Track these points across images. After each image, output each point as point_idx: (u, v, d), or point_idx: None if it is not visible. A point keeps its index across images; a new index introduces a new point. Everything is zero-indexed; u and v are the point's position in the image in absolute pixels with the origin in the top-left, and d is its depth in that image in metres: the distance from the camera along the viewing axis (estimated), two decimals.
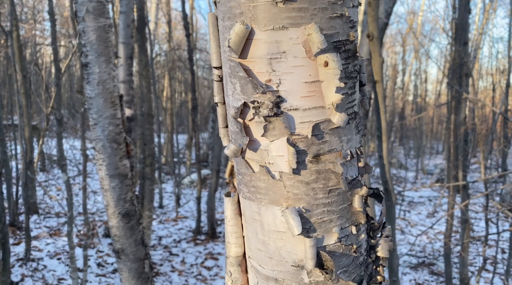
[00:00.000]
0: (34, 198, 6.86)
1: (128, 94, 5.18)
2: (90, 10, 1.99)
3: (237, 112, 0.61)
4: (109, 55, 2.09)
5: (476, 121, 5.01)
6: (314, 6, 0.55)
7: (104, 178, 2.15)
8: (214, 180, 6.77)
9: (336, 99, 0.57)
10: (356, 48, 0.60)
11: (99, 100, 2.08)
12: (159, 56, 14.87)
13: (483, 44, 15.50)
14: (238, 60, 0.60)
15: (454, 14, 7.99)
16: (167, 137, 12.24)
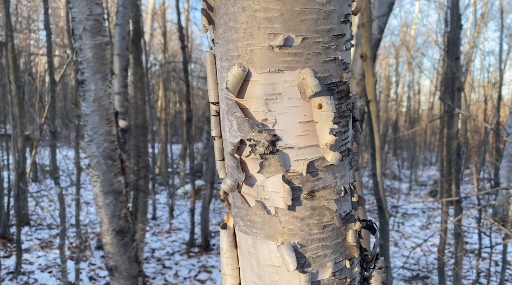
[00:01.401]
0: (25, 209, 6.79)
1: (123, 106, 5.18)
2: (87, 28, 2.01)
3: (234, 149, 0.63)
4: (105, 73, 2.10)
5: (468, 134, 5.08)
6: (309, 51, 0.57)
7: (99, 194, 2.14)
8: (208, 191, 6.76)
9: (330, 140, 0.58)
10: (349, 88, 0.62)
11: (95, 117, 2.09)
12: (154, 66, 14.91)
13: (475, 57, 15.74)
14: (235, 99, 0.61)
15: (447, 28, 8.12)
16: (161, 148, 12.21)
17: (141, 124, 5.94)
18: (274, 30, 0.56)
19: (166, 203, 8.97)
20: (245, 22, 0.57)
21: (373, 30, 4.10)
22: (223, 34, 0.61)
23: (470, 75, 14.81)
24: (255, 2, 0.56)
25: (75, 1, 1.97)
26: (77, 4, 1.98)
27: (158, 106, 14.03)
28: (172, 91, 16.31)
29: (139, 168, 5.68)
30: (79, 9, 1.99)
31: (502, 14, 11.04)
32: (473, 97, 17.04)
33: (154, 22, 14.18)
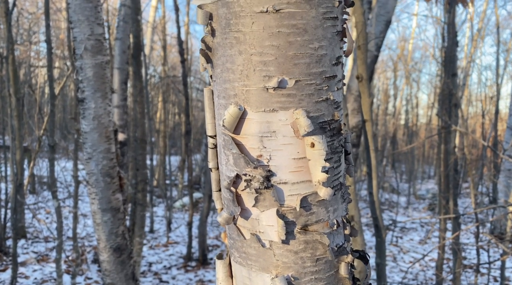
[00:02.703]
0: (22, 221, 6.76)
1: (122, 119, 5.21)
2: (88, 48, 2.05)
3: (230, 183, 0.65)
4: (105, 91, 2.13)
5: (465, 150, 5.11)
6: (302, 93, 0.60)
7: (97, 212, 2.15)
8: (206, 205, 6.75)
9: (322, 178, 0.61)
10: (340, 126, 0.65)
11: (94, 135, 2.11)
12: (154, 78, 14.99)
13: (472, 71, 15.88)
14: (231, 136, 0.64)
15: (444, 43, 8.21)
16: (159, 160, 12.21)
17: (140, 138, 5.96)
18: (269, 73, 0.59)
19: (164, 216, 8.95)
20: (241, 64, 0.60)
21: (370, 47, 4.16)
22: (220, 74, 0.63)
23: (468, 89, 14.93)
24: (251, 47, 0.58)
25: (77, 22, 2.01)
26: (79, 24, 2.02)
27: (157, 117, 14.07)
28: (171, 103, 16.38)
29: (137, 181, 5.68)
30: (80, 29, 2.03)
31: (499, 30, 11.18)
32: (471, 111, 17.16)
33: (154, 35, 14.31)
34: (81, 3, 2.00)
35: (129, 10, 5.23)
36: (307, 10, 0.56)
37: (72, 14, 2.02)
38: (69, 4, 2.01)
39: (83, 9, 2.01)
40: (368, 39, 4.06)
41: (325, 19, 0.58)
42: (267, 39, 0.57)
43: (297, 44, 0.58)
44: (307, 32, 0.57)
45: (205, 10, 0.61)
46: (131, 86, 6.58)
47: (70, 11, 2.03)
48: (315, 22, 0.57)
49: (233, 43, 0.60)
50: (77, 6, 2.00)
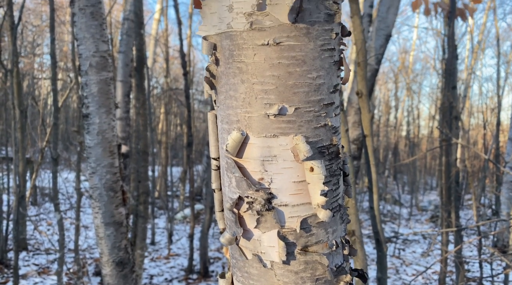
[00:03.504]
0: (24, 233, 6.77)
1: (125, 131, 5.25)
2: (93, 65, 2.09)
3: (233, 204, 0.68)
4: (110, 106, 2.17)
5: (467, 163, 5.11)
6: (301, 119, 0.63)
7: (100, 226, 2.17)
8: (207, 217, 6.75)
9: (321, 201, 0.63)
10: (338, 150, 0.67)
11: (98, 150, 2.14)
12: (156, 89, 15.09)
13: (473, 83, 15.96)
14: (234, 159, 0.67)
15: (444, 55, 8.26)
16: (161, 171, 12.23)
17: (142, 150, 5.99)
18: (270, 101, 0.62)
19: (165, 228, 8.93)
20: (244, 92, 0.63)
21: (370, 61, 4.20)
22: (224, 101, 0.66)
23: (469, 101, 14.98)
24: (253, 76, 0.61)
25: (83, 39, 2.06)
26: (84, 41, 2.06)
27: (159, 128, 14.13)
28: (173, 114, 16.46)
29: (139, 193, 5.70)
30: (86, 47, 2.07)
31: (499, 42, 11.26)
32: (472, 122, 17.17)
33: (157, 47, 14.45)
34: (87, 21, 2.05)
35: (132, 24, 5.31)
36: (306, 43, 0.60)
37: (78, 32, 2.07)
38: (75, 22, 2.06)
39: (88, 26, 2.06)
40: (368, 53, 4.11)
41: (323, 51, 0.61)
42: (268, 70, 0.61)
43: (297, 74, 0.61)
44: (306, 63, 0.60)
45: (210, 41, 0.65)
46: (134, 98, 6.64)
47: (76, 29, 2.08)
48: (314, 53, 0.60)
49: (236, 72, 0.63)
50: (83, 24, 2.05)
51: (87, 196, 10.18)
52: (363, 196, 12.76)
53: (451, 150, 4.98)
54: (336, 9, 0.61)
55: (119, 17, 14.53)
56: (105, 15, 2.16)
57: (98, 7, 2.08)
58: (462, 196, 11.71)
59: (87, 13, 2.05)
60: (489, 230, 8.11)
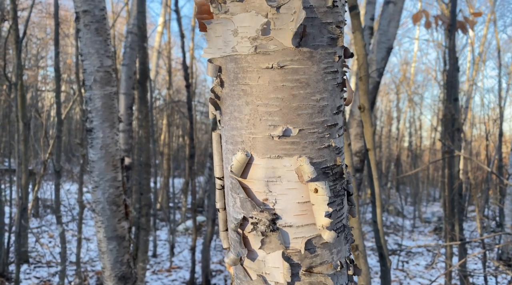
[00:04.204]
0: (25, 246, 6.74)
1: (127, 143, 5.26)
2: (97, 79, 2.11)
3: (237, 225, 0.68)
4: (113, 120, 2.18)
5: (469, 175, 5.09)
6: (305, 140, 0.63)
7: (102, 240, 2.17)
8: (209, 229, 6.71)
9: (326, 222, 0.63)
10: (342, 170, 0.68)
11: (101, 164, 2.15)
12: (158, 100, 15.17)
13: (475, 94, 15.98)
14: (239, 180, 0.67)
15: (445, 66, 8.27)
16: (163, 182, 12.22)
17: (145, 162, 6.00)
18: (274, 122, 0.62)
19: (167, 240, 8.89)
20: (248, 114, 0.64)
21: (372, 73, 4.23)
22: (228, 122, 0.67)
23: (471, 112, 14.98)
24: (257, 98, 0.62)
25: (87, 55, 2.08)
26: (89, 57, 2.09)
27: (161, 140, 14.16)
28: (176, 125, 16.50)
29: (141, 206, 5.69)
30: (90, 62, 2.10)
31: (500, 53, 11.31)
32: (475, 133, 17.14)
33: (160, 59, 14.56)
34: (92, 37, 2.08)
35: (135, 37, 5.36)
36: (309, 66, 0.61)
37: (82, 47, 2.10)
38: (80, 38, 2.09)
39: (93, 42, 2.09)
40: (370, 65, 4.13)
41: (326, 73, 0.62)
42: (272, 92, 0.61)
43: (300, 97, 0.61)
44: (310, 86, 0.61)
45: (215, 63, 0.66)
46: (136, 109, 6.67)
47: (80, 45, 2.10)
48: (317, 76, 0.61)
49: (241, 94, 0.64)
50: (87, 40, 2.08)
51: (89, 208, 10.16)
52: (366, 208, 12.69)
53: (454, 162, 4.97)
54: (339, 33, 0.62)
55: (123, 29, 14.68)
56: (109, 30, 2.19)
57: (103, 23, 2.11)
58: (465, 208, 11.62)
59: (92, 29, 2.07)
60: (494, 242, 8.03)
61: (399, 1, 4.11)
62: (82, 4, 2.06)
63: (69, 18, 14.21)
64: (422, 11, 4.73)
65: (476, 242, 9.85)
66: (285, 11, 0.58)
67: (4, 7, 8.93)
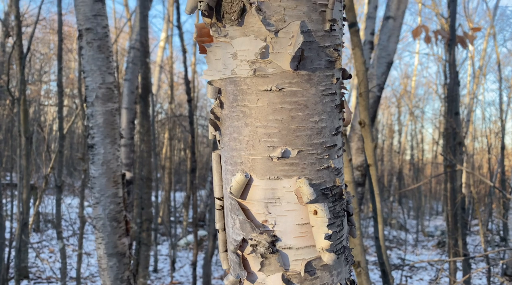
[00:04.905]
0: (25, 261, 6.69)
1: (129, 158, 5.26)
2: (99, 96, 2.13)
3: (237, 247, 0.67)
4: (115, 136, 2.19)
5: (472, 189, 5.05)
6: (304, 162, 0.63)
7: (102, 257, 2.15)
8: (210, 244, 6.66)
9: (325, 245, 0.63)
10: (342, 191, 0.68)
11: (102, 180, 2.15)
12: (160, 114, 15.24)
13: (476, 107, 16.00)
14: (238, 201, 0.67)
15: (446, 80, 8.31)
16: (164, 196, 12.19)
17: (146, 176, 5.99)
18: (273, 144, 0.63)
19: (168, 255, 8.82)
20: (247, 135, 0.64)
21: (373, 88, 4.25)
22: (228, 142, 0.67)
23: (472, 125, 14.98)
24: (256, 120, 0.63)
25: (89, 72, 2.10)
26: (91, 74, 2.11)
27: (163, 153, 14.17)
28: (177, 139, 16.53)
29: (142, 220, 5.66)
30: (92, 79, 2.12)
31: (500, 67, 11.36)
32: (477, 146, 17.10)
33: (162, 73, 14.68)
34: (94, 54, 2.10)
35: (138, 52, 5.42)
36: (308, 88, 0.61)
37: (85, 64, 2.12)
38: (83, 55, 2.11)
39: (95, 59, 2.11)
40: (370, 80, 4.16)
41: (324, 95, 0.63)
42: (271, 114, 0.62)
43: (299, 118, 0.62)
44: (308, 108, 0.62)
45: (215, 85, 0.66)
46: (138, 124, 6.69)
47: (83, 62, 2.13)
48: (315, 98, 0.62)
49: (240, 116, 0.64)
50: (90, 57, 2.10)
51: (89, 222, 10.12)
52: (368, 222, 12.60)
53: (456, 176, 4.95)
54: (336, 56, 0.62)
55: (125, 44, 14.84)
56: (112, 47, 2.21)
57: (105, 40, 2.14)
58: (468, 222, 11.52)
59: (94, 46, 2.10)
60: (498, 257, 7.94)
61: (399, 16, 4.15)
62: (85, 22, 2.09)
63: (73, 34, 14.38)
64: (421, 26, 4.77)
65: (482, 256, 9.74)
66: (283, 35, 0.59)
67: (8, 23, 9.05)
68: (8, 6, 9.69)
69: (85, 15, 2.09)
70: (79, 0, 2.09)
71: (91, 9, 2.09)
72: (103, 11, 2.13)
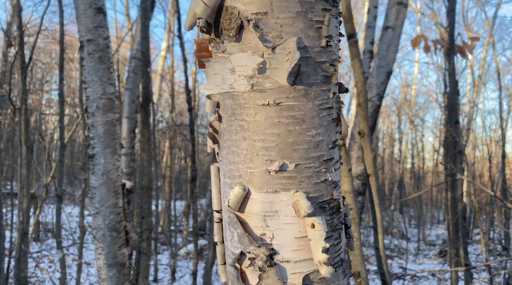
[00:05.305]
0: (25, 271, 6.65)
1: (129, 166, 5.27)
2: (100, 106, 2.14)
3: (235, 260, 0.68)
4: (115, 147, 2.19)
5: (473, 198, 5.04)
6: (302, 175, 0.64)
7: (102, 267, 2.15)
8: (211, 253, 6.63)
9: (323, 258, 0.63)
10: (339, 204, 0.68)
11: (103, 190, 2.15)
12: (161, 123, 15.27)
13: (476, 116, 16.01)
14: (236, 214, 0.67)
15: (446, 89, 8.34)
16: (164, 205, 12.16)
17: (146, 185, 5.99)
18: (271, 157, 0.63)
19: (168, 264, 8.77)
20: (245, 148, 0.65)
21: (372, 97, 4.26)
22: (226, 156, 0.68)
23: (473, 134, 14.98)
24: (254, 134, 0.63)
25: (90, 82, 2.12)
26: (92, 84, 2.12)
27: (164, 162, 14.16)
28: (178, 148, 16.54)
29: (142, 230, 5.64)
30: (93, 89, 2.13)
31: (499, 76, 11.40)
32: (478, 154, 17.08)
33: (162, 82, 14.74)
34: (95, 65, 2.12)
35: (139, 62, 5.45)
36: (305, 103, 0.62)
37: (86, 75, 2.14)
38: (84, 66, 2.13)
39: (96, 70, 2.13)
40: (370, 89, 4.17)
41: (321, 110, 0.63)
42: (269, 128, 0.63)
43: (296, 132, 0.63)
44: (305, 122, 0.63)
45: (213, 99, 0.67)
46: (139, 132, 6.70)
47: (84, 72, 2.14)
48: (312, 112, 0.63)
49: (238, 129, 0.65)
50: (91, 68, 2.12)
51: (90, 231, 10.08)
52: (369, 231, 12.54)
53: (457, 185, 4.94)
54: (333, 71, 0.63)
55: (126, 54, 14.93)
56: (113, 58, 2.23)
57: (106, 51, 2.16)
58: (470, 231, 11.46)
59: (96, 57, 2.12)
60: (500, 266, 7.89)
61: (398, 26, 4.18)
62: (86, 33, 2.11)
63: (74, 43, 14.48)
64: (420, 35, 4.80)
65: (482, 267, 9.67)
66: (280, 51, 0.60)
67: (11, 33, 9.13)
68: (10, 16, 9.78)
69: (86, 27, 2.11)
70: (81, 12, 2.11)
71: (92, 21, 2.11)
72: (104, 23, 2.16)
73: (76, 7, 2.13)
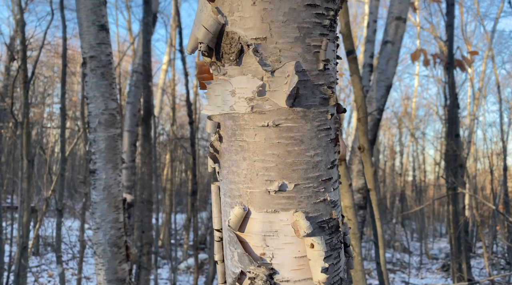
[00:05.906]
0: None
1: (130, 180, 5.27)
2: (102, 122, 2.16)
3: (235, 279, 0.68)
4: (116, 162, 2.21)
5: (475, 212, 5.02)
6: (301, 195, 0.65)
7: (102, 283, 2.14)
8: (211, 268, 6.58)
9: (322, 278, 0.64)
10: (338, 223, 0.69)
11: (103, 205, 2.15)
12: (162, 135, 15.31)
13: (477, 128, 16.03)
14: (236, 233, 0.68)
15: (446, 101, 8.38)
16: (165, 218, 12.11)
17: (147, 199, 5.98)
18: (270, 177, 0.64)
19: (168, 279, 8.69)
20: (245, 168, 0.66)
21: (372, 111, 4.28)
22: (226, 175, 0.69)
23: (474, 146, 14.98)
24: (254, 154, 0.65)
25: (93, 98, 2.14)
26: (94, 100, 2.15)
27: (164, 174, 14.15)
28: (179, 160, 16.55)
29: (143, 244, 5.61)
30: (95, 105, 2.15)
31: (499, 88, 11.45)
32: (479, 167, 17.04)
33: (164, 95, 14.82)
34: (98, 81, 2.14)
35: (140, 76, 5.50)
36: (303, 124, 0.63)
37: (88, 91, 2.16)
38: (87, 82, 2.16)
39: (99, 86, 2.15)
40: (370, 103, 4.20)
41: (320, 130, 0.65)
42: (268, 148, 0.64)
43: (295, 153, 0.64)
44: (304, 142, 0.64)
45: (214, 120, 0.69)
46: (140, 145, 6.72)
47: (86, 88, 2.17)
48: (311, 133, 0.64)
49: (238, 150, 0.66)
50: (93, 84, 2.14)
51: (90, 245, 10.03)
52: (371, 244, 12.44)
53: (458, 199, 4.93)
54: (330, 93, 0.65)
55: (128, 67, 15.06)
56: (115, 74, 2.26)
57: (109, 67, 2.18)
58: (473, 245, 11.37)
59: (98, 73, 2.14)
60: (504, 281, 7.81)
61: (397, 41, 4.23)
62: (89, 50, 2.14)
63: (76, 57, 14.62)
64: (420, 49, 4.85)
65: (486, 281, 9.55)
66: (279, 75, 0.62)
67: (14, 47, 9.23)
68: (14, 31, 9.91)
69: (89, 43, 2.14)
70: (84, 29, 2.14)
71: (95, 37, 2.14)
72: (107, 40, 2.19)
73: (80, 24, 2.16)
